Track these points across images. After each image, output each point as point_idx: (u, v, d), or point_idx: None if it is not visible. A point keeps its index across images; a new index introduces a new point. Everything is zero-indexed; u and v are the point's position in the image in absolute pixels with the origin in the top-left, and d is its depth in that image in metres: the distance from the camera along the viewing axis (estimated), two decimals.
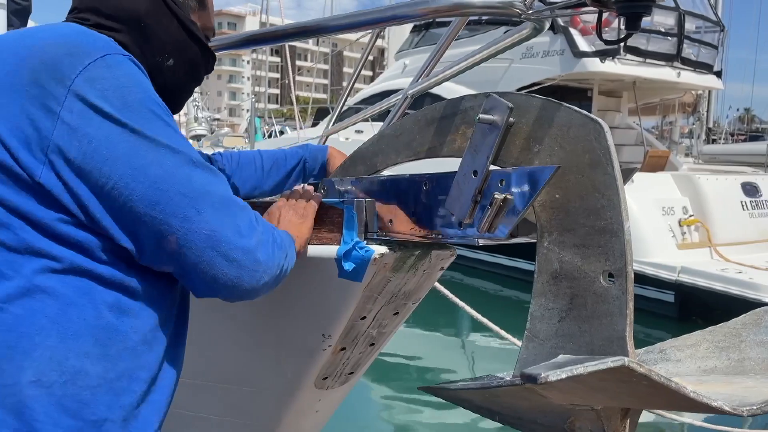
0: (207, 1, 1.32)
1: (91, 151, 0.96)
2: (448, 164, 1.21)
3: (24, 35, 1.05)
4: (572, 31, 9.25)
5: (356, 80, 2.82)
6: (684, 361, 1.01)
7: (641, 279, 7.38)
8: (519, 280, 8.72)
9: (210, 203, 1.01)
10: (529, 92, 10.63)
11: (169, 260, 1.03)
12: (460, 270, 9.17)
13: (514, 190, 1.07)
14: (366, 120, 2.59)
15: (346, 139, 10.56)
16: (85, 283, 0.99)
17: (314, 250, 1.39)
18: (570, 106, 1.05)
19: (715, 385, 0.87)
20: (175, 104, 1.27)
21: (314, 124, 16.05)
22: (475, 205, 1.13)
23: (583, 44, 9.20)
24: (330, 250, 1.37)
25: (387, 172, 1.42)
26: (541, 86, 9.69)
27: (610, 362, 0.71)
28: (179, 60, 1.22)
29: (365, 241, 1.35)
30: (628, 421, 0.95)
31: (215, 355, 1.67)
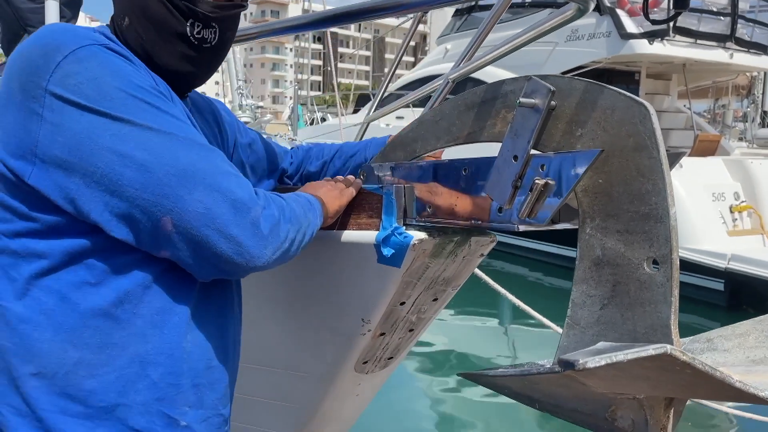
0: None
1: (76, 144, 0.98)
2: (487, 150, 1.20)
3: (18, 48, 1.08)
4: (619, 12, 9.01)
5: (398, 66, 2.81)
6: (732, 351, 0.98)
7: (689, 267, 7.21)
8: (559, 266, 8.61)
9: (201, 180, 0.99)
10: (574, 76, 10.38)
11: (167, 243, 1.02)
12: (500, 257, 9.11)
13: (556, 174, 1.05)
14: (407, 106, 2.57)
15: (387, 125, 10.55)
16: (79, 277, 1.02)
17: (354, 235, 1.39)
18: (614, 88, 1.02)
19: (764, 375, 0.84)
20: (172, 74, 1.16)
21: (355, 111, 16.07)
22: (515, 190, 1.12)
23: (630, 25, 8.95)
24: (369, 236, 1.38)
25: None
26: (586, 69, 9.49)
27: (652, 350, 0.70)
28: (134, 18, 1.14)
29: (404, 227, 1.35)
30: (672, 410, 0.92)
31: (257, 338, 1.69)
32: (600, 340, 1.03)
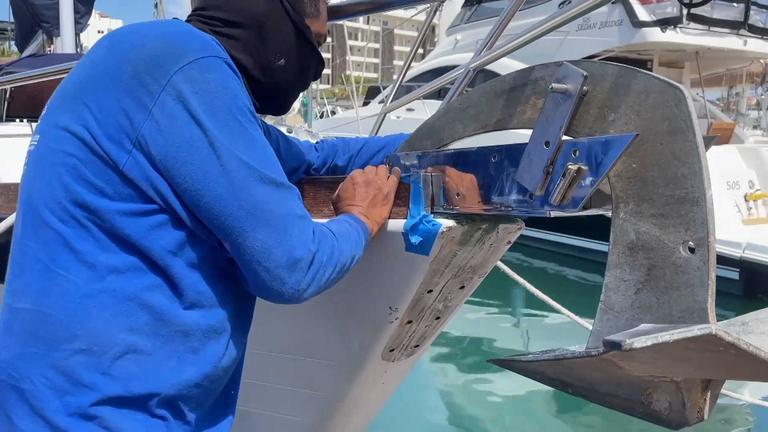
0: (321, 9, 1.38)
1: (174, 151, 1.01)
2: (512, 138, 1.20)
3: (132, 31, 1.10)
4: (631, 0, 8.95)
5: (413, 57, 2.81)
6: None
7: None
8: (577, 258, 8.59)
9: (268, 222, 1.04)
10: None
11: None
12: (517, 249, 9.09)
13: (589, 160, 1.06)
14: (418, 98, 2.57)
15: (398, 117, 10.54)
16: (146, 264, 1.04)
17: (385, 224, 1.40)
18: (648, 72, 1.02)
19: None
20: (281, 105, 1.36)
21: (365, 103, 16.04)
22: (547, 176, 1.12)
23: (642, 13, 8.89)
24: (397, 224, 1.38)
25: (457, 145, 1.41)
26: (598, 59, 9.44)
27: (697, 329, 0.70)
28: (290, 61, 1.29)
29: (432, 215, 1.36)
30: (709, 393, 0.93)
31: (285, 326, 1.71)
32: (635, 324, 1.03)
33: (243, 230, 1.03)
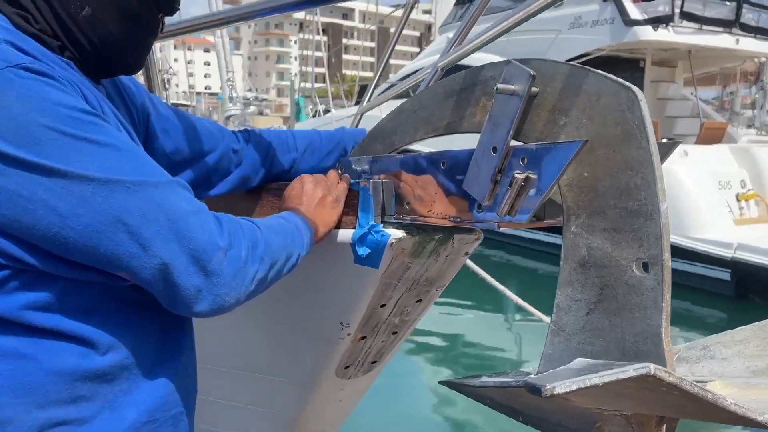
0: None
1: (5, 202, 0.83)
2: (473, 140, 1.10)
3: None
4: None
5: (391, 56, 2.71)
6: (731, 360, 0.89)
7: (695, 256, 7.10)
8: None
9: (156, 231, 0.87)
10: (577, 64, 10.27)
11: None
12: (505, 248, 9.00)
13: (537, 168, 0.97)
14: (402, 96, 2.47)
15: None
16: (34, 334, 0.89)
17: (331, 234, 1.30)
18: (600, 72, 0.93)
19: (765, 390, 0.75)
20: (123, 62, 1.04)
21: (357, 102, 15.95)
22: (495, 185, 1.03)
23: (634, 11, 8.80)
24: (346, 235, 1.29)
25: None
26: (590, 57, 9.35)
27: (632, 370, 0.61)
28: (99, 8, 0.97)
29: (382, 225, 1.26)
30: (665, 427, 0.84)
31: (236, 342, 1.62)
32: (587, 348, 0.94)
33: (130, 253, 0.87)
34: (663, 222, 0.85)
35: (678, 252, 7.30)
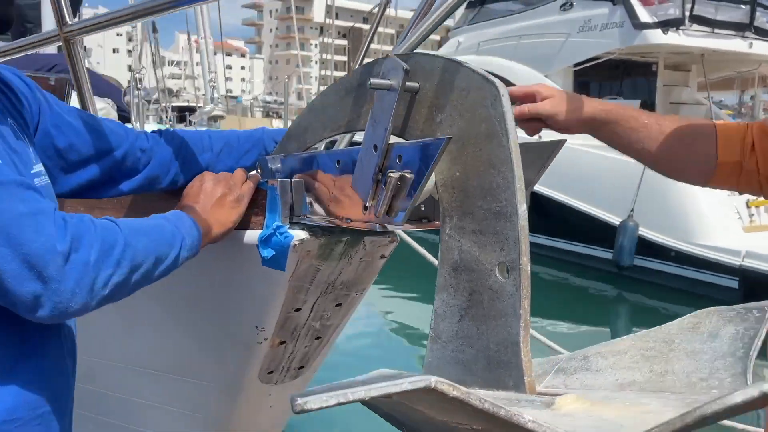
0: None
1: None
2: None
3: None
4: (632, 1, 8.74)
5: (366, 53, 2.66)
6: (604, 372, 0.84)
7: (702, 263, 6.96)
8: (576, 264, 8.40)
9: None
10: (587, 67, 10.17)
11: None
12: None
13: (412, 167, 0.92)
14: None
15: None
16: None
17: (239, 235, 1.27)
18: (471, 66, 0.88)
19: (611, 406, 0.70)
20: None
21: None
22: (378, 184, 0.98)
23: (644, 15, 8.68)
24: (253, 236, 1.26)
25: None
26: (600, 60, 9.24)
27: (407, 383, 0.56)
28: None
29: (288, 226, 1.23)
30: None
31: (162, 343, 1.59)
32: (459, 356, 0.90)
33: None
34: (521, 224, 0.80)
35: (684, 258, 7.17)
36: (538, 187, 8.55)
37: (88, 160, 1.26)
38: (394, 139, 0.98)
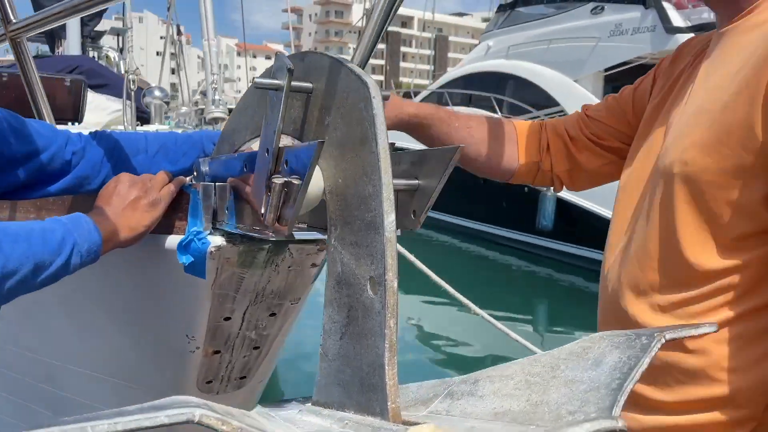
0: None
1: None
2: None
3: None
4: (665, 4, 8.54)
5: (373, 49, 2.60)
6: (486, 398, 0.77)
7: None
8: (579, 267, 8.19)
9: None
10: (617, 72, 9.94)
11: None
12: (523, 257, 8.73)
13: (299, 172, 0.86)
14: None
15: None
16: None
17: (162, 240, 1.23)
18: (350, 65, 0.82)
19: None
20: None
21: None
22: (269, 190, 0.93)
23: (677, 19, 8.46)
24: (175, 241, 1.21)
25: None
26: (631, 65, 9.03)
27: (164, 417, 0.50)
28: None
29: (209, 232, 1.18)
30: None
31: (104, 348, 1.57)
32: (340, 376, 0.84)
33: None
34: (387, 236, 0.73)
35: None
36: (566, 196, 8.37)
37: (15, 162, 1.24)
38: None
